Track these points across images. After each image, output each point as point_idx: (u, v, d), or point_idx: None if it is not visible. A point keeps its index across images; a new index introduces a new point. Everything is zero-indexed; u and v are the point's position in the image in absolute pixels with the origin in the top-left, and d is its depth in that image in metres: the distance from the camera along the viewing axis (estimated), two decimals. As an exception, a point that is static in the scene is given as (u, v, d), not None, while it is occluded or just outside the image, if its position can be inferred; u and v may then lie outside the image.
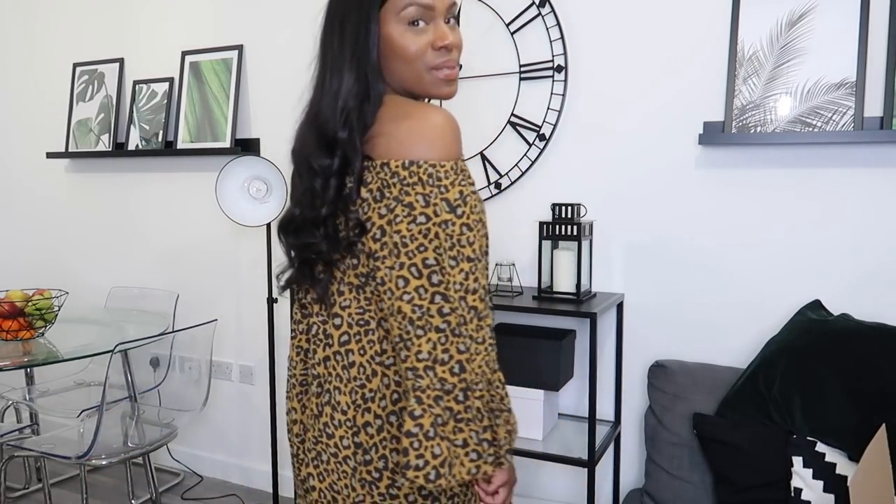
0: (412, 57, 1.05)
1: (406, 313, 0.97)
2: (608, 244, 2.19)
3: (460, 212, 0.99)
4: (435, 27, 1.05)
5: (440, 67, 1.06)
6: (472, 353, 0.99)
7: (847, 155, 1.90)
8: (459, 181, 1.01)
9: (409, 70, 1.06)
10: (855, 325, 1.77)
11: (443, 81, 1.07)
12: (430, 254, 0.97)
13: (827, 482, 1.61)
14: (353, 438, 1.06)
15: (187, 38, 2.86)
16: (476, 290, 1.00)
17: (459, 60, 1.09)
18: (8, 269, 3.46)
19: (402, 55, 1.05)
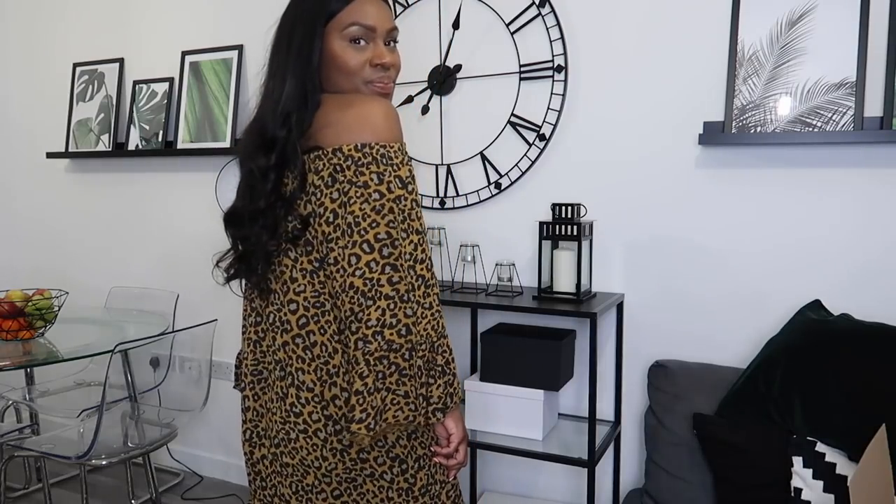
0: (351, 71, 1.17)
1: (358, 287, 1.05)
2: (608, 244, 2.19)
3: (411, 188, 1.11)
4: (374, 47, 1.18)
5: (375, 82, 1.19)
6: (419, 316, 1.09)
7: (847, 155, 1.90)
8: (407, 161, 1.13)
9: (348, 82, 1.18)
10: (855, 325, 1.77)
11: (377, 94, 1.19)
12: (382, 228, 1.06)
13: (827, 482, 1.61)
14: (323, 412, 1.14)
15: (187, 38, 2.86)
16: (423, 259, 1.11)
17: (394, 79, 1.23)
18: (8, 269, 3.46)
19: (343, 69, 1.17)
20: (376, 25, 1.17)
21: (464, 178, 2.37)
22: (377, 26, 1.17)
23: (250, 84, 2.75)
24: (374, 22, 1.17)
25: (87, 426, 2.38)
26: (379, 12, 1.18)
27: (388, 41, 1.21)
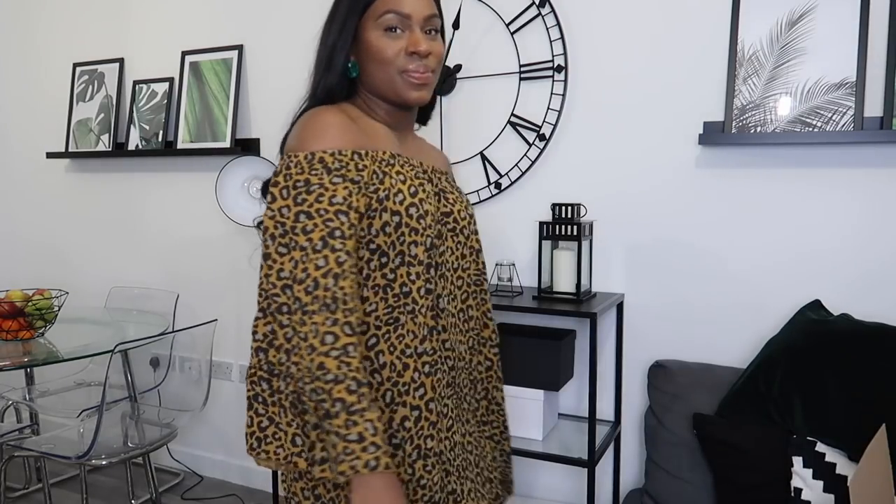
0: (386, 60, 1.10)
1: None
2: (608, 244, 2.19)
3: (300, 199, 0.98)
4: (410, 34, 1.10)
5: (411, 71, 1.10)
6: (294, 344, 0.96)
7: (847, 155, 1.90)
8: (311, 170, 1.00)
9: (383, 72, 1.11)
10: (855, 325, 1.77)
11: (411, 85, 1.11)
12: (267, 241, 1.00)
13: (827, 482, 1.61)
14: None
15: (187, 38, 2.86)
16: (303, 280, 0.95)
17: (436, 69, 1.13)
18: (8, 269, 3.46)
19: (378, 58, 1.10)
20: (412, 12, 1.10)
21: (464, 178, 2.37)
22: (412, 13, 1.11)
23: (250, 84, 2.75)
24: (410, 9, 1.10)
25: (87, 426, 2.38)
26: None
27: (428, 29, 1.13)
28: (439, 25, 1.15)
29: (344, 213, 0.99)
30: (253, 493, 2.84)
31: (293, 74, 2.61)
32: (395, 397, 1.02)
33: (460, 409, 1.14)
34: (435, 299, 1.07)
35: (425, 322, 1.05)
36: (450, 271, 1.13)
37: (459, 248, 1.16)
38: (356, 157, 1.03)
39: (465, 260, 1.17)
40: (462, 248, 1.16)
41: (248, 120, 2.77)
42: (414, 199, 1.04)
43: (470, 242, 1.18)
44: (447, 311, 1.11)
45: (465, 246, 1.17)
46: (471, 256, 1.18)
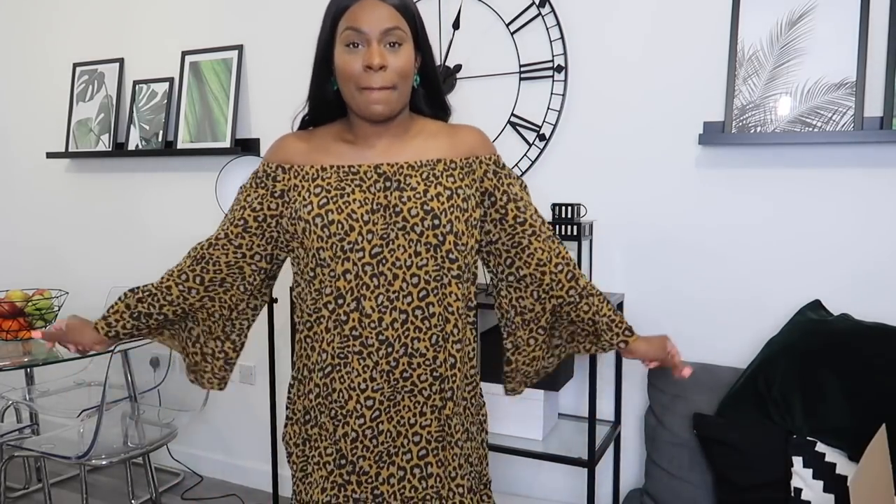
0: (346, 76, 1.16)
1: None
2: (608, 244, 2.19)
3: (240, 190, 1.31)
4: (367, 49, 1.14)
5: (366, 87, 1.15)
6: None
7: (847, 155, 1.90)
8: (253, 174, 1.29)
9: (346, 88, 1.18)
10: (855, 325, 1.77)
11: (368, 100, 1.16)
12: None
13: (827, 482, 1.61)
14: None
15: (187, 38, 2.86)
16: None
17: (397, 83, 1.16)
18: (8, 269, 3.46)
19: (340, 75, 1.17)
20: (367, 27, 1.14)
21: (464, 178, 2.37)
22: (368, 28, 1.14)
23: (250, 84, 2.75)
24: (365, 24, 1.14)
25: (87, 426, 2.38)
26: (372, 13, 1.14)
27: (390, 42, 1.15)
28: (403, 37, 1.17)
29: (244, 208, 1.27)
30: (253, 493, 2.84)
31: (293, 74, 2.61)
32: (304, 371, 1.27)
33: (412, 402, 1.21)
34: (353, 301, 1.18)
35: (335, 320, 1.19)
36: (402, 269, 1.18)
37: (412, 246, 1.18)
38: (279, 170, 1.25)
39: (421, 257, 1.18)
40: (416, 246, 1.18)
41: (248, 120, 2.77)
42: (320, 210, 1.18)
43: (426, 239, 1.18)
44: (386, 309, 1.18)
45: (418, 243, 1.18)
46: (427, 253, 1.18)
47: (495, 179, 1.28)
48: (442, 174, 1.22)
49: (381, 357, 1.19)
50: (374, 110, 1.16)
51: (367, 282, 1.18)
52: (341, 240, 1.16)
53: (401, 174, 1.20)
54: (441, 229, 1.18)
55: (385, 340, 1.19)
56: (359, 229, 1.17)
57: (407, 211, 1.18)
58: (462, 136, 1.29)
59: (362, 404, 1.19)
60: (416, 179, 1.20)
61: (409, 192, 1.19)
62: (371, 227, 1.18)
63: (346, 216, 1.17)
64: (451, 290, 1.21)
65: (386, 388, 1.20)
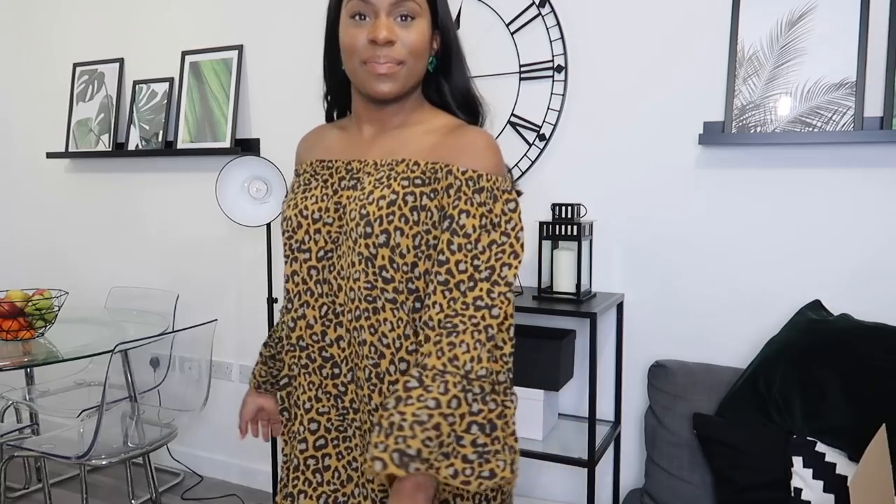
0: (349, 49, 1.03)
1: None
2: (608, 244, 2.18)
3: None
4: (373, 23, 1.01)
5: (370, 61, 1.01)
6: None
7: (847, 155, 1.90)
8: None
9: (350, 63, 1.04)
10: (855, 325, 1.77)
11: (372, 76, 1.01)
12: None
13: (827, 482, 1.61)
14: None
15: (187, 38, 2.86)
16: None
17: (406, 60, 1.01)
18: (8, 269, 3.46)
19: (344, 48, 1.04)
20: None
21: (464, 178, 2.37)
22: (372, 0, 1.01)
23: (250, 84, 2.75)
24: None
25: (87, 426, 2.38)
26: None
27: (400, 15, 1.01)
28: (416, 11, 1.02)
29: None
30: (253, 493, 2.84)
31: (293, 74, 2.61)
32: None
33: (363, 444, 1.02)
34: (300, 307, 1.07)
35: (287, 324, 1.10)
36: (346, 280, 1.01)
37: (350, 255, 1.01)
38: (295, 175, 1.17)
39: (355, 269, 1.00)
40: (352, 255, 1.00)
41: (248, 120, 2.77)
42: (283, 206, 1.11)
43: (359, 248, 0.99)
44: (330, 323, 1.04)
45: (354, 252, 1.00)
46: (360, 265, 0.99)
47: (453, 198, 0.99)
48: (397, 176, 1.01)
49: (325, 377, 1.03)
50: (379, 88, 1.01)
51: (312, 287, 1.05)
52: (289, 237, 1.07)
53: (363, 172, 1.06)
54: (373, 239, 0.98)
55: (330, 359, 1.03)
56: (306, 227, 1.05)
57: (348, 214, 1.02)
58: (456, 136, 1.04)
59: (305, 427, 1.04)
60: (370, 179, 1.03)
61: (357, 193, 1.03)
62: (321, 226, 1.04)
63: (297, 213, 1.06)
64: (384, 316, 0.99)
65: (333, 415, 1.02)
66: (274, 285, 2.59)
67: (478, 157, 1.00)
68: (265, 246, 2.60)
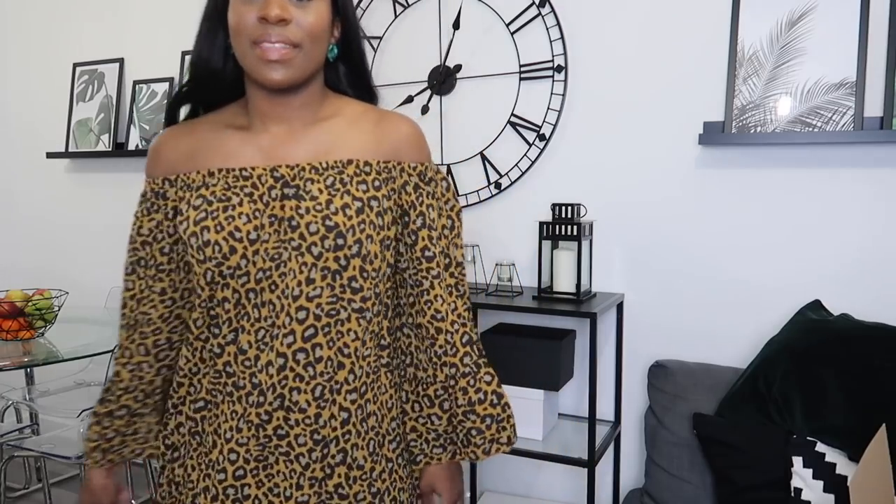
0: (236, 29, 0.93)
1: None
2: (608, 244, 2.18)
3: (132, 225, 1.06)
4: (262, 1, 0.91)
5: (260, 43, 0.91)
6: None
7: (847, 155, 1.90)
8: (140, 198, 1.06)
9: (238, 45, 0.94)
10: (855, 325, 1.77)
11: (263, 61, 0.92)
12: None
13: (827, 482, 1.61)
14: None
15: (187, 38, 2.85)
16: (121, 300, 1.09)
17: (302, 42, 0.93)
18: (8, 269, 3.46)
19: (232, 28, 0.94)
20: None
21: (464, 178, 2.37)
22: None
23: (250, 84, 2.74)
24: None
25: (87, 426, 2.38)
26: None
27: None
28: None
29: (148, 243, 1.03)
30: (253, 493, 2.84)
31: (293, 74, 2.61)
32: (175, 405, 1.06)
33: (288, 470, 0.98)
34: (231, 333, 0.97)
35: (196, 353, 1.03)
36: (288, 299, 0.94)
37: (305, 272, 0.94)
38: (166, 185, 1.02)
39: (314, 286, 0.94)
40: (309, 271, 0.94)
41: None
42: (196, 228, 0.94)
43: (324, 263, 0.94)
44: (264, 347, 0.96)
45: (313, 268, 0.94)
46: (323, 281, 0.94)
47: (415, 195, 1.02)
48: (352, 180, 0.97)
49: (249, 405, 0.96)
50: (270, 75, 0.92)
51: (249, 311, 0.95)
52: (219, 265, 0.94)
53: (301, 178, 0.96)
54: (345, 251, 0.94)
55: (258, 386, 0.95)
56: (242, 251, 0.93)
57: (305, 227, 0.93)
58: (389, 129, 1.02)
59: (225, 456, 0.97)
60: (318, 186, 0.95)
61: (309, 203, 0.94)
62: (259, 245, 0.94)
63: (227, 236, 0.93)
64: (348, 327, 0.97)
65: (252, 445, 0.96)
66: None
67: (420, 149, 1.04)
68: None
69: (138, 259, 1.04)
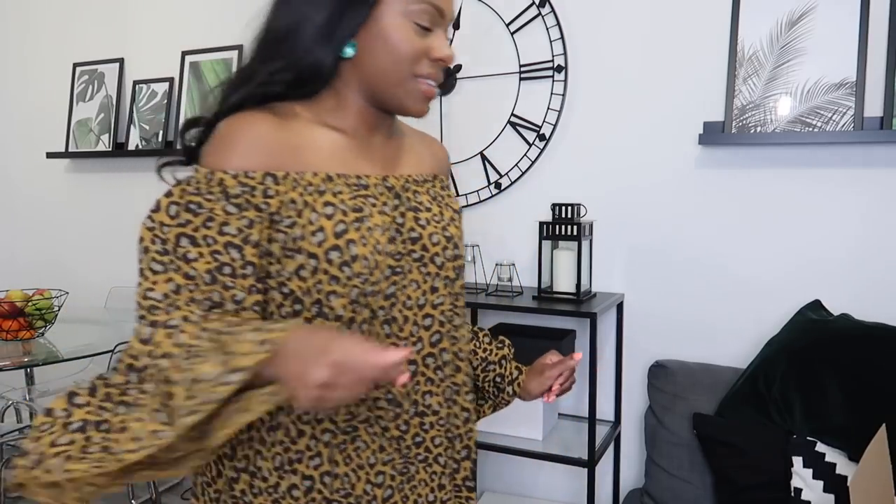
0: (404, 57, 0.89)
1: None
2: (608, 244, 2.18)
3: (185, 220, 0.86)
4: (438, 36, 0.91)
5: (426, 79, 0.92)
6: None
7: (847, 155, 1.90)
8: (207, 192, 0.85)
9: (395, 71, 0.90)
10: (855, 325, 1.77)
11: (422, 96, 0.92)
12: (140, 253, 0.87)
13: (827, 482, 1.61)
14: None
15: (187, 38, 2.86)
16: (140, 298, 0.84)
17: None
18: (8, 269, 3.46)
19: (395, 51, 0.89)
20: (447, 11, 0.91)
21: (464, 178, 2.37)
22: (447, 12, 0.91)
23: (250, 84, 2.74)
24: (447, 6, 0.91)
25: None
26: None
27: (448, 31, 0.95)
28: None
29: (236, 247, 0.82)
30: (253, 493, 2.83)
31: (293, 74, 2.61)
32: (285, 464, 0.89)
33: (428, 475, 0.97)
34: None
35: None
36: (412, 310, 0.92)
37: (429, 281, 0.94)
38: (268, 181, 0.84)
39: (437, 294, 0.95)
40: (433, 280, 0.95)
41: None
42: (338, 241, 0.84)
43: (445, 272, 0.96)
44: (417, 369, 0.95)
45: (436, 277, 0.95)
46: (445, 289, 0.96)
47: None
48: (443, 193, 1.02)
49: (389, 420, 0.92)
50: (420, 109, 0.94)
51: (378, 330, 0.90)
52: (364, 282, 0.86)
53: (408, 190, 0.96)
54: (459, 261, 0.99)
55: (393, 400, 0.92)
56: (382, 266, 0.88)
57: (427, 238, 0.94)
58: (436, 148, 1.09)
59: (373, 482, 0.91)
60: (426, 198, 0.98)
61: (427, 214, 0.95)
62: (391, 261, 0.90)
63: (372, 250, 0.87)
64: (461, 332, 1.01)
65: (397, 459, 0.93)
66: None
67: (448, 165, 1.13)
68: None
69: (220, 265, 0.82)
